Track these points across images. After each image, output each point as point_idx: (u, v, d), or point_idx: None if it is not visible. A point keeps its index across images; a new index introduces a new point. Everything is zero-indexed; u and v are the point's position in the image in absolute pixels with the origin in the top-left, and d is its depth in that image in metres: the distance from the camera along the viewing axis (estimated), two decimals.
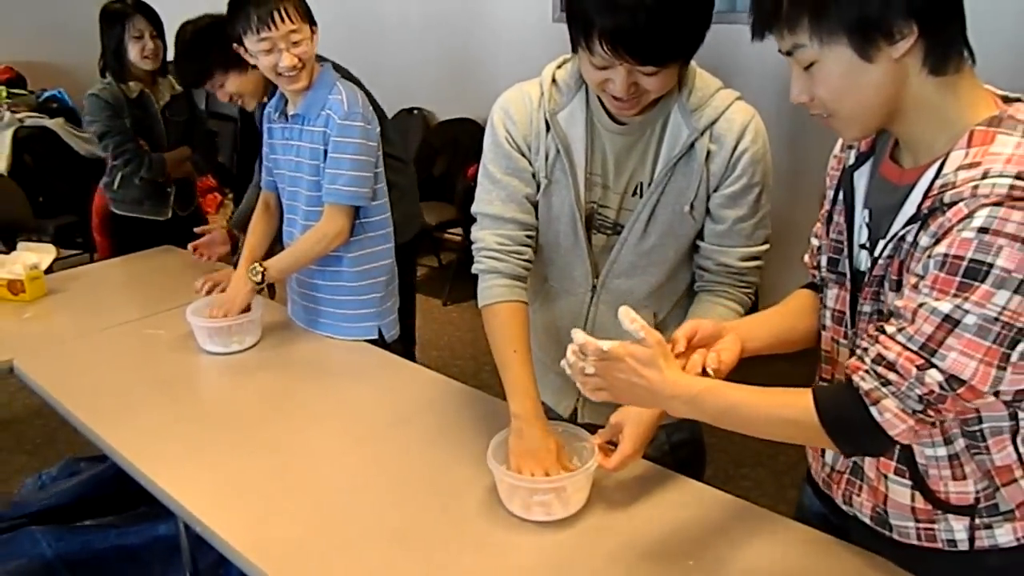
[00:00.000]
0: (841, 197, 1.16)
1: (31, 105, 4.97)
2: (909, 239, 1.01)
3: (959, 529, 1.13)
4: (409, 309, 2.81)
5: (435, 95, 4.99)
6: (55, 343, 2.09)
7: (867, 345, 1.04)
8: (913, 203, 1.01)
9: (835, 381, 1.20)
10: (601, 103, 1.38)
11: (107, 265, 2.88)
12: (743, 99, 1.40)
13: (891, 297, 1.04)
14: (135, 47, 2.83)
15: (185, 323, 2.03)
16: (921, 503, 1.14)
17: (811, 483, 1.35)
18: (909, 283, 0.99)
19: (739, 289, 1.48)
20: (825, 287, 1.19)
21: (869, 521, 1.21)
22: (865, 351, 1.04)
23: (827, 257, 1.18)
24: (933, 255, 0.95)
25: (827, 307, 1.19)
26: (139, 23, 2.81)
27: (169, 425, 1.70)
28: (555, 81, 1.43)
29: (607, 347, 1.12)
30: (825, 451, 1.27)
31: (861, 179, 1.14)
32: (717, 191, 1.41)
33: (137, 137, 2.93)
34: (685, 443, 1.62)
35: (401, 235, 2.18)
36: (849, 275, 1.14)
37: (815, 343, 1.28)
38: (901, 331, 0.98)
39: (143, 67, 2.88)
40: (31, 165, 4.53)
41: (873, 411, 1.01)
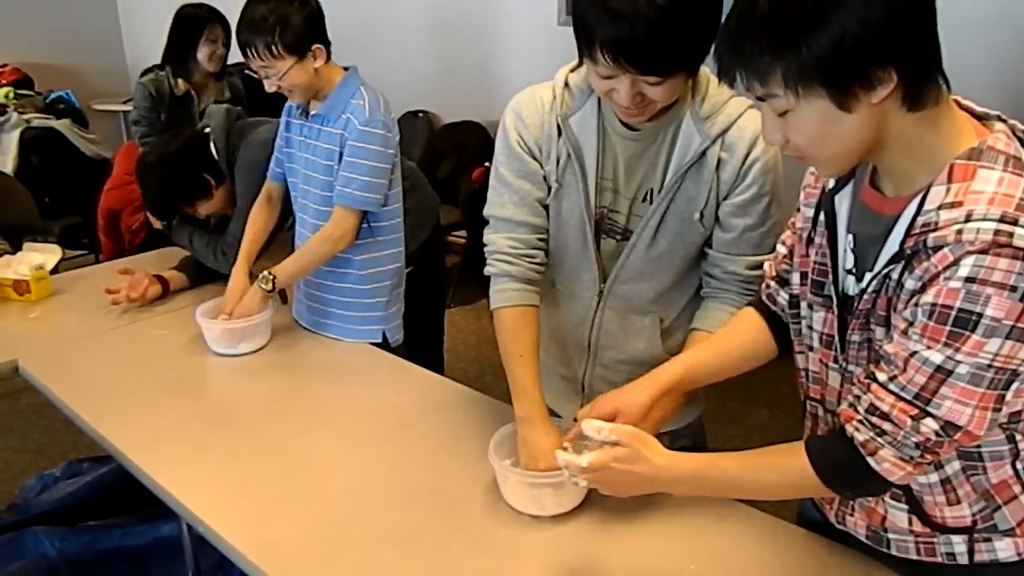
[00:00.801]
0: (823, 219, 1.13)
1: (38, 106, 4.96)
2: (894, 277, 0.99)
3: (958, 542, 1.12)
4: (438, 323, 2.83)
5: (440, 98, 4.98)
6: (60, 343, 2.09)
7: (859, 392, 1.03)
8: (895, 240, 1.00)
9: (825, 401, 1.19)
10: None
11: (113, 266, 2.88)
12: (755, 107, 1.40)
13: (879, 332, 1.03)
14: (206, 49, 3.21)
15: (190, 324, 2.03)
16: (919, 526, 1.14)
17: None
18: (898, 327, 0.98)
19: (745, 297, 1.47)
20: (810, 308, 1.17)
21: (864, 539, 1.21)
22: (858, 399, 1.03)
23: (811, 280, 1.16)
24: (921, 304, 0.93)
25: (814, 329, 1.17)
26: (217, 30, 3.21)
27: (172, 426, 1.69)
28: (568, 85, 1.43)
29: (586, 462, 1.12)
30: None
31: (843, 202, 1.12)
32: (727, 199, 1.40)
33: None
34: (688, 450, 1.61)
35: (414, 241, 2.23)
36: (836, 300, 1.12)
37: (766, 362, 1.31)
38: (893, 380, 0.98)
39: (207, 68, 3.24)
40: (38, 166, 4.52)
41: (870, 461, 1.01)
